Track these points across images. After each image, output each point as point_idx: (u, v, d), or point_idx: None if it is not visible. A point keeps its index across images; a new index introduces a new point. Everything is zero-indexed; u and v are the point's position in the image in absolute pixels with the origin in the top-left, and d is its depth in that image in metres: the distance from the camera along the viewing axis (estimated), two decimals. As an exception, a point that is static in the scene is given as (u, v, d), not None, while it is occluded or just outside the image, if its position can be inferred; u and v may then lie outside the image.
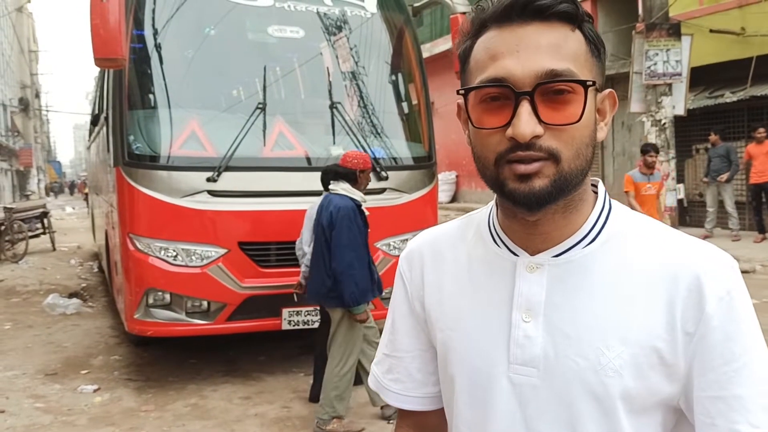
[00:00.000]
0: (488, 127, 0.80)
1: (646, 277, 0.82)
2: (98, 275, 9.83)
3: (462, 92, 0.84)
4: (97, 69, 6.00)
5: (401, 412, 1.07)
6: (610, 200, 0.90)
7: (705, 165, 10.73)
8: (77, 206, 29.53)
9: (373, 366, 1.10)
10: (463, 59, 0.86)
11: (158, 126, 4.81)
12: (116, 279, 5.64)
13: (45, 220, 13.40)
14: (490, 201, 0.97)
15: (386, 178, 5.12)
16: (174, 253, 4.62)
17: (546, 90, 0.78)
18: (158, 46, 4.84)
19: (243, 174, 4.73)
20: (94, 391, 4.79)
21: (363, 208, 4.01)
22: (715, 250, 0.83)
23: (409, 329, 1.02)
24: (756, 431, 0.78)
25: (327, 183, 4.11)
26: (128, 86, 4.76)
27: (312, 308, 4.82)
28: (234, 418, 4.25)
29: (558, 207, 0.83)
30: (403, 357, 1.03)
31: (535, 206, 0.80)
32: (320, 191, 4.16)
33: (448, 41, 16.23)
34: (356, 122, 5.22)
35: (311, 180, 4.87)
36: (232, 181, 4.69)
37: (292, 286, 4.64)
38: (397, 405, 1.05)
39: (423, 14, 6.86)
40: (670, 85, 10.55)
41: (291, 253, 4.81)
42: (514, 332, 0.86)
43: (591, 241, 0.85)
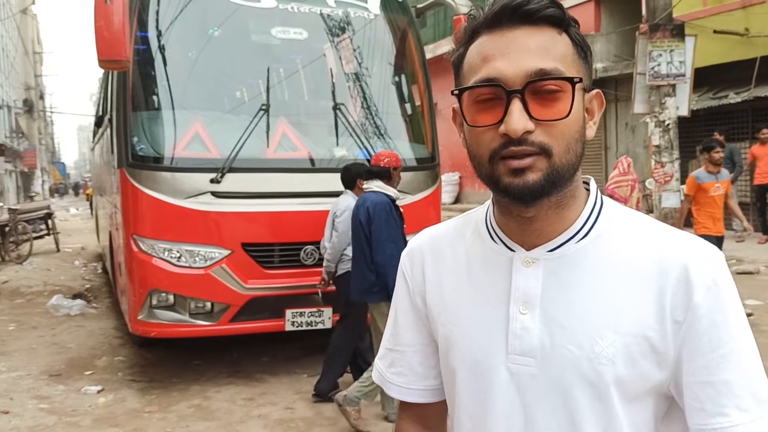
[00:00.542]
0: (482, 125, 0.85)
1: (637, 270, 0.86)
2: (102, 276, 9.85)
3: (456, 93, 0.88)
4: (102, 70, 6.01)
5: (403, 405, 1.10)
6: (602, 197, 0.93)
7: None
8: (81, 207, 29.58)
9: (376, 361, 1.13)
10: (457, 65, 0.91)
11: (162, 127, 4.82)
12: (120, 280, 5.65)
13: (49, 222, 13.43)
14: (492, 202, 0.97)
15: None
16: (178, 254, 4.63)
17: (536, 88, 0.82)
18: (162, 48, 4.86)
19: (246, 175, 4.74)
20: (98, 392, 4.80)
21: (397, 204, 4.14)
22: (702, 243, 0.88)
23: (411, 324, 1.06)
24: (743, 414, 0.82)
25: (347, 181, 4.18)
26: (132, 88, 4.77)
27: (315, 309, 4.83)
28: (237, 420, 4.25)
29: (551, 203, 0.86)
30: (406, 351, 1.07)
31: (530, 199, 0.84)
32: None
33: (451, 42, 16.20)
34: (360, 123, 5.22)
35: (315, 181, 4.89)
36: (236, 182, 4.69)
37: (295, 287, 4.64)
38: (399, 398, 1.09)
39: (426, 15, 6.87)
40: (673, 86, 10.51)
41: (295, 255, 4.81)
42: (512, 324, 0.90)
43: (583, 236, 0.89)
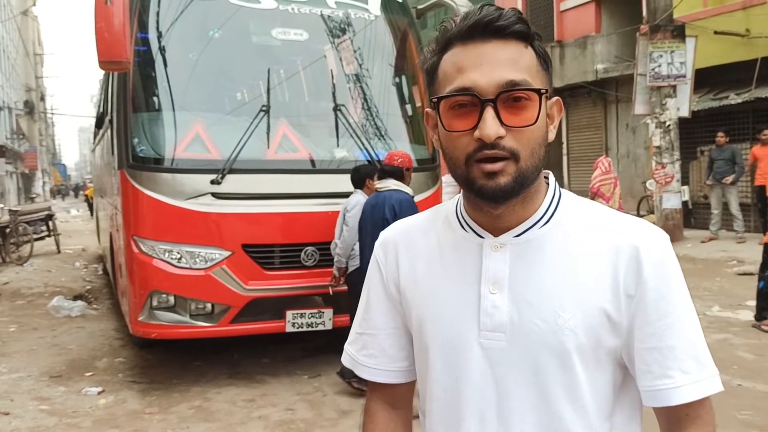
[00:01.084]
0: (458, 130, 0.93)
1: (593, 251, 0.97)
2: (103, 278, 9.85)
3: (435, 100, 0.97)
4: (102, 72, 6.02)
5: (372, 386, 1.17)
6: (560, 189, 1.04)
7: (707, 167, 10.68)
8: (82, 209, 29.61)
9: (346, 345, 1.20)
10: (431, 72, 1.00)
11: (162, 128, 4.82)
12: (120, 281, 5.65)
13: (50, 223, 13.46)
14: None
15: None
16: (178, 256, 4.62)
17: (507, 97, 0.91)
18: (162, 49, 4.86)
19: (247, 176, 4.73)
20: (99, 393, 4.80)
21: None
22: (651, 226, 1.00)
23: (385, 310, 1.13)
24: (686, 376, 0.95)
25: (357, 181, 4.21)
26: (132, 89, 4.77)
27: (316, 311, 4.83)
28: (238, 421, 4.25)
29: (518, 200, 0.96)
30: (377, 334, 1.14)
31: (501, 200, 0.94)
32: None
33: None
34: (360, 124, 5.22)
35: (315, 182, 4.89)
36: (236, 183, 4.69)
37: (295, 288, 4.64)
38: (370, 378, 1.16)
39: (427, 16, 6.87)
40: (674, 87, 10.52)
41: (295, 256, 4.81)
42: (483, 303, 0.99)
43: (545, 223, 1.00)
